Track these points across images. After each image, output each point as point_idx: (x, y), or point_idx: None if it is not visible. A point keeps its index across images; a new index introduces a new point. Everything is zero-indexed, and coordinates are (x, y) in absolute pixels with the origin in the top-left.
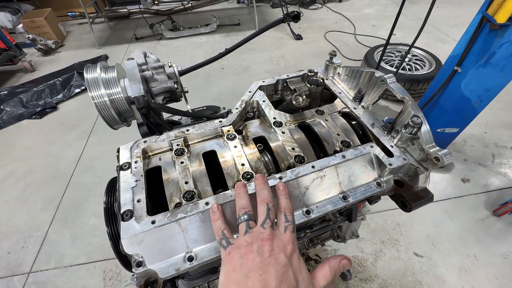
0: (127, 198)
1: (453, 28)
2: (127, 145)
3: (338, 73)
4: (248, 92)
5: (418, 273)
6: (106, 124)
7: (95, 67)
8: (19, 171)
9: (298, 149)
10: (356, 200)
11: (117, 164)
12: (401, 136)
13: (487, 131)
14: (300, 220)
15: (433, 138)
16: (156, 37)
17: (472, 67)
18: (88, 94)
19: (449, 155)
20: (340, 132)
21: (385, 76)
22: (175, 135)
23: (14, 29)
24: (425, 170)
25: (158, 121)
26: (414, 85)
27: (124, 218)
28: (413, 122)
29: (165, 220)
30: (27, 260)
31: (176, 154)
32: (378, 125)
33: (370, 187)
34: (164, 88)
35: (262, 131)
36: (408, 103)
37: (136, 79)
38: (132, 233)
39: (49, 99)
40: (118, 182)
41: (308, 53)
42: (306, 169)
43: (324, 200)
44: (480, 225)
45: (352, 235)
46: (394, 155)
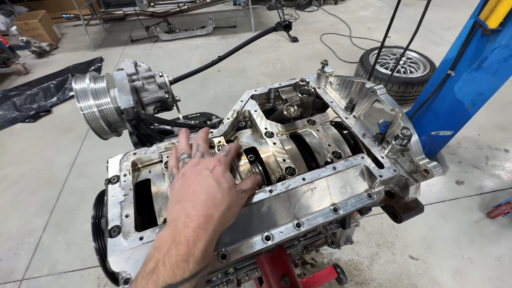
0: (115, 213)
1: (447, 31)
2: (117, 157)
3: (330, 82)
4: (240, 101)
5: (414, 276)
6: (96, 135)
7: (84, 77)
8: (12, 175)
9: (289, 161)
10: (347, 212)
11: (106, 178)
12: (391, 148)
13: (481, 133)
14: (290, 233)
15: (422, 150)
16: (151, 39)
17: (465, 71)
18: (77, 105)
19: (438, 167)
20: (331, 143)
21: (375, 88)
22: (165, 147)
23: (7, 31)
24: (415, 182)
25: (149, 132)
26: (409, 88)
27: (112, 234)
28: (402, 134)
29: (153, 236)
30: (19, 267)
31: (165, 166)
32: (369, 135)
33: (361, 199)
34: (154, 98)
35: (254, 142)
36: (398, 115)
37: (125, 90)
38: (119, 250)
39: (43, 103)
40: (106, 196)
41: (304, 56)
42: (296, 182)
43: (315, 212)
44: (474, 228)
45: (346, 241)
46: (384, 167)
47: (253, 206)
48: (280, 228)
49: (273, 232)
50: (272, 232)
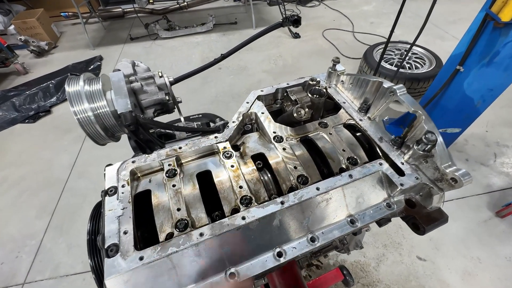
0: (112, 229)
1: (453, 25)
2: (114, 166)
3: (342, 81)
4: (246, 103)
5: (422, 277)
6: (91, 140)
7: (78, 79)
8: (12, 177)
9: (300, 168)
10: (365, 223)
11: (102, 189)
12: (413, 153)
13: (488, 130)
14: (304, 249)
15: (449, 156)
16: (151, 37)
17: (475, 67)
18: (70, 109)
19: (468, 176)
20: (345, 148)
21: (395, 87)
22: (167, 154)
23: (5, 30)
24: (439, 191)
25: (149, 137)
26: (415, 84)
27: (109, 253)
28: (427, 138)
29: (154, 255)
30: (21, 270)
31: (167, 176)
32: (387, 139)
33: (380, 209)
34: (154, 100)
35: (261, 147)
36: (421, 118)
37: (122, 92)
38: (117, 272)
39: (43, 103)
40: (103, 210)
41: (306, 52)
42: (310, 192)
43: (330, 224)
44: (483, 227)
45: (356, 246)
46: (405, 174)
47: (263, 220)
48: (293, 243)
49: (285, 248)
50: (285, 248)
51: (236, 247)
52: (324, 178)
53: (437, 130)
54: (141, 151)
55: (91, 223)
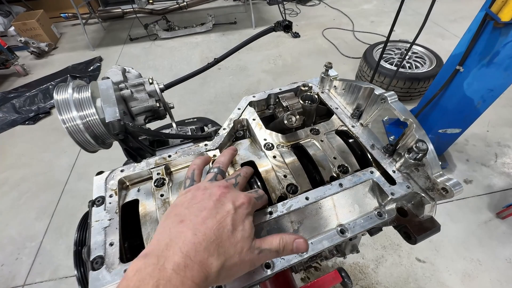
0: (98, 241)
1: (453, 23)
2: (103, 175)
3: (335, 86)
4: (237, 109)
5: (421, 279)
6: (81, 148)
7: (67, 86)
8: (12, 179)
9: (290, 176)
10: (355, 233)
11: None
12: (404, 161)
13: (489, 130)
14: (292, 260)
15: (440, 165)
16: (151, 37)
17: (474, 67)
18: (58, 117)
19: (459, 186)
20: (337, 155)
21: (386, 95)
22: (156, 163)
23: (5, 32)
24: (431, 200)
25: (138, 145)
26: (415, 84)
27: (94, 266)
28: (417, 147)
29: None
30: (21, 272)
31: (155, 185)
32: (379, 146)
33: (371, 218)
34: (144, 107)
35: (252, 154)
36: (412, 126)
37: (111, 101)
38: (101, 285)
39: (43, 104)
40: (90, 221)
41: (306, 51)
42: (299, 201)
43: (319, 234)
44: (483, 228)
45: (352, 250)
46: (396, 182)
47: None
48: None
49: (273, 259)
50: (273, 259)
51: None
52: (315, 186)
53: (428, 139)
54: (132, 159)
55: (78, 233)
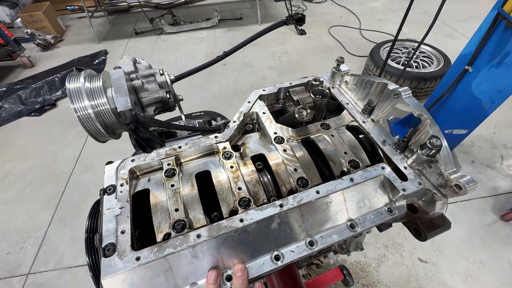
0: (110, 228)
1: (462, 23)
2: (114, 164)
3: (346, 82)
4: (247, 102)
5: (423, 279)
6: (92, 137)
7: (78, 75)
8: (18, 170)
9: (301, 170)
10: (365, 228)
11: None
12: (416, 157)
13: (496, 132)
14: (302, 252)
15: (453, 162)
16: (156, 31)
17: (484, 67)
18: (70, 106)
19: (473, 183)
20: (347, 150)
21: (400, 90)
22: (166, 153)
23: (12, 23)
24: (443, 197)
25: (149, 136)
26: (421, 83)
27: (106, 253)
28: (431, 143)
29: (151, 256)
30: (26, 261)
31: (166, 175)
32: (391, 142)
33: (381, 214)
34: (155, 98)
35: (262, 147)
36: (426, 122)
37: (122, 90)
38: (113, 271)
39: (48, 96)
40: (101, 209)
41: (312, 49)
42: (310, 195)
43: (329, 228)
44: (487, 230)
45: (356, 248)
46: (408, 179)
47: (261, 222)
48: (291, 246)
49: (283, 251)
50: (283, 251)
51: (233, 249)
52: (325, 180)
53: (442, 135)
54: (141, 149)
55: (89, 221)
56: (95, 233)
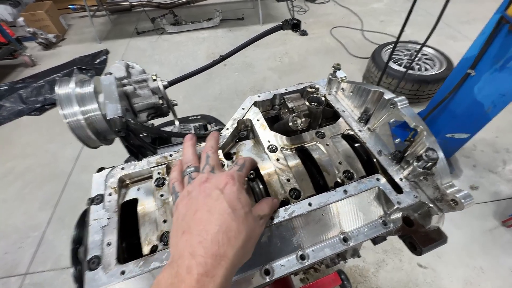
0: (96, 240)
1: (465, 25)
2: (103, 172)
3: (342, 89)
4: (241, 109)
5: (422, 285)
6: (83, 144)
7: (69, 81)
8: (18, 169)
9: (293, 181)
10: (358, 242)
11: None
12: (412, 169)
13: (498, 136)
14: (293, 267)
15: (450, 175)
16: (157, 31)
17: (487, 71)
18: (59, 112)
19: (469, 198)
20: (342, 161)
21: (396, 100)
22: (157, 161)
23: (14, 22)
24: (439, 211)
25: (140, 143)
26: (423, 86)
27: (90, 266)
28: (427, 156)
29: (136, 270)
30: (23, 260)
31: (156, 185)
32: (386, 152)
33: (375, 227)
34: (147, 104)
35: (255, 156)
36: (422, 133)
37: (113, 97)
38: (97, 286)
39: (49, 95)
40: (87, 219)
41: (313, 50)
42: (302, 207)
43: (321, 241)
44: (488, 236)
45: (353, 255)
46: (403, 191)
47: None
48: (282, 260)
49: (273, 265)
50: (273, 265)
51: None
52: (318, 191)
53: (438, 146)
54: (133, 156)
55: (76, 231)
56: (81, 244)
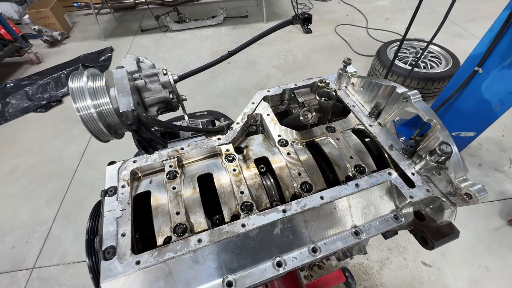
0: (110, 231)
1: (472, 23)
2: (115, 165)
3: (353, 83)
4: (251, 103)
5: (426, 283)
6: (94, 137)
7: (81, 75)
8: (24, 165)
9: (305, 175)
10: (370, 235)
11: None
12: (425, 164)
13: (504, 134)
14: (305, 259)
15: (464, 170)
16: (161, 29)
17: (495, 68)
18: (73, 105)
19: (484, 192)
20: (353, 155)
21: (409, 93)
22: (168, 155)
23: (20, 20)
24: (452, 206)
25: (151, 136)
26: (429, 84)
27: (106, 256)
28: (441, 150)
29: (151, 260)
30: (31, 255)
31: (168, 178)
32: (398, 147)
33: (387, 221)
34: (158, 98)
35: (265, 150)
36: (436, 127)
37: (125, 91)
38: (113, 275)
39: (54, 92)
40: (102, 211)
41: (317, 48)
42: (314, 201)
43: (333, 235)
44: (493, 235)
45: (359, 251)
46: (415, 185)
47: (263, 228)
48: (294, 253)
49: (285, 258)
50: (285, 258)
51: (234, 255)
52: (329, 185)
53: (452, 141)
54: (144, 150)
55: (90, 222)
56: (95, 235)
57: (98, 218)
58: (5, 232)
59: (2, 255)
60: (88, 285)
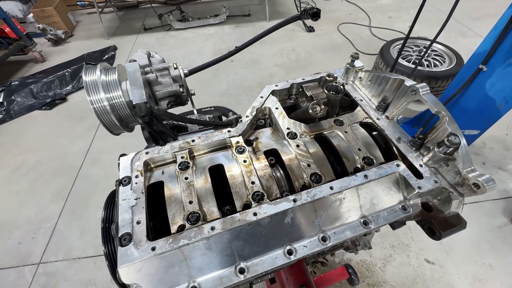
0: (125, 219)
1: (476, 21)
2: (128, 156)
3: (360, 78)
4: (260, 97)
5: (429, 280)
6: (106, 130)
7: (95, 68)
8: (29, 162)
9: (314, 166)
10: (378, 225)
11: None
12: (433, 155)
13: (508, 133)
14: (315, 248)
15: (472, 161)
16: (164, 27)
17: (499, 66)
18: (87, 98)
19: (492, 182)
20: (361, 147)
21: (418, 86)
22: (180, 146)
23: (24, 18)
24: (460, 196)
25: (162, 129)
26: (433, 82)
27: (122, 242)
28: (449, 141)
29: (166, 247)
30: (36, 251)
31: (180, 168)
32: (405, 140)
33: (395, 211)
34: (168, 92)
35: (275, 143)
36: (444, 119)
37: (138, 83)
38: (130, 260)
39: (59, 90)
40: (117, 200)
41: (320, 46)
42: (323, 191)
43: (342, 225)
44: (497, 233)
45: (364, 246)
46: (423, 176)
47: (274, 217)
48: (304, 241)
49: (296, 246)
50: (295, 246)
51: (246, 242)
52: (338, 177)
53: (460, 132)
54: (154, 142)
55: (105, 211)
56: (111, 223)
57: (113, 207)
58: (11, 227)
59: (9, 250)
60: (93, 280)
